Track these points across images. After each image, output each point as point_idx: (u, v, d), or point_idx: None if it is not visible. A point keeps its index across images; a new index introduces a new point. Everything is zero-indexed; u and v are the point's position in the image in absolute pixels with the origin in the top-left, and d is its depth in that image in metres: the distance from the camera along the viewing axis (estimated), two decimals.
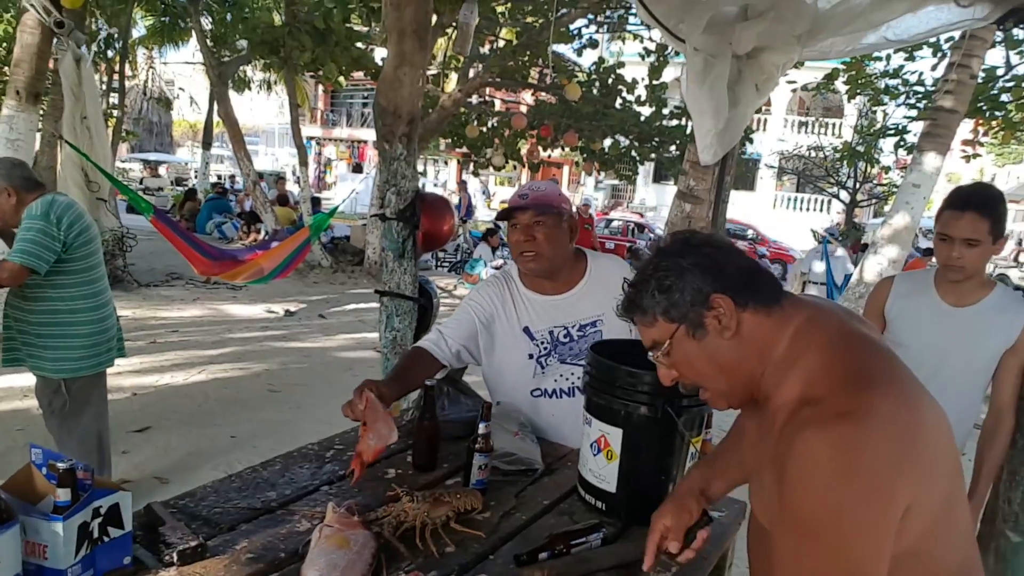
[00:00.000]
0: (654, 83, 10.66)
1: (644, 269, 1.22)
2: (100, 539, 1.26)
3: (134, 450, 3.99)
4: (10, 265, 2.63)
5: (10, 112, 5.33)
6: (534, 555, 1.44)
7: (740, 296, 1.13)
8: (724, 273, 1.15)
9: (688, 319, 1.15)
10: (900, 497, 0.98)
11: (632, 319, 1.25)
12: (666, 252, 1.21)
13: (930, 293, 2.22)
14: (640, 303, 1.20)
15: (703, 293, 1.14)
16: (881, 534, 0.98)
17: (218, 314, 7.90)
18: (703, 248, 1.18)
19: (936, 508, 1.03)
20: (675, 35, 2.24)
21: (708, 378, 1.19)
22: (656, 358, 1.23)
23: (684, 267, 1.16)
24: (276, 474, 1.77)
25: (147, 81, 27.94)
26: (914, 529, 1.00)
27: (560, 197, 2.04)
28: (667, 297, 1.16)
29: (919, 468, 1.00)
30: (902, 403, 1.03)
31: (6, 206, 2.78)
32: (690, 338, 1.16)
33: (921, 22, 2.08)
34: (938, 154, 5.38)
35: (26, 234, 2.67)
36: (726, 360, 1.16)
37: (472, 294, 2.19)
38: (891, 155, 12.84)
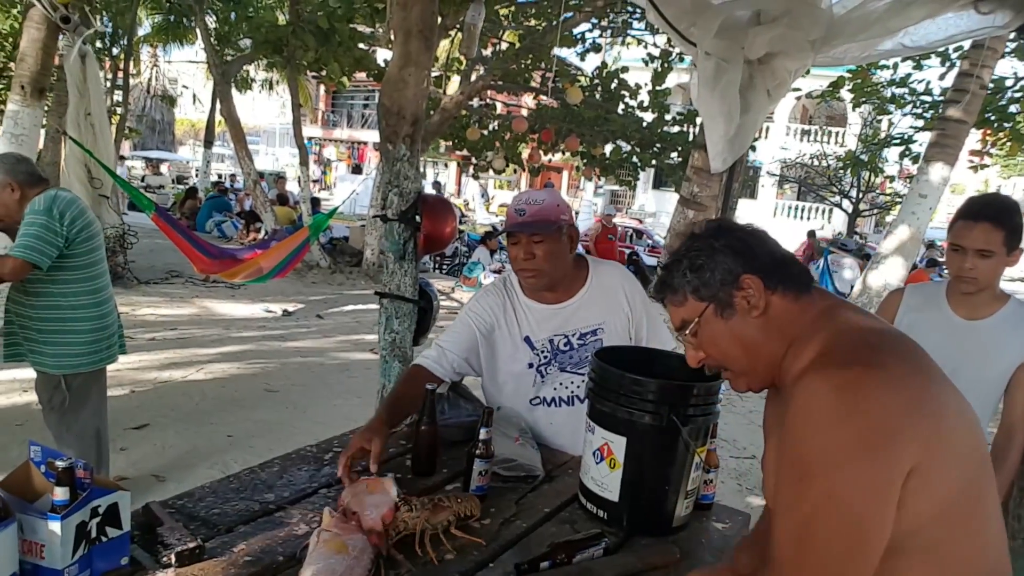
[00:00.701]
0: (657, 89, 10.66)
1: (677, 251, 1.25)
2: (98, 539, 1.25)
3: (132, 447, 3.97)
4: (12, 260, 2.61)
5: (15, 107, 5.33)
6: (535, 564, 1.43)
7: (769, 278, 1.16)
8: (755, 256, 1.18)
9: (717, 298, 1.18)
10: (903, 453, 0.96)
11: (663, 300, 1.27)
12: (699, 235, 1.24)
13: (941, 306, 2.18)
14: (671, 283, 1.24)
15: (733, 273, 1.17)
16: (879, 485, 0.97)
17: (217, 313, 7.88)
18: (736, 232, 1.22)
19: (951, 490, 1.01)
20: (686, 39, 2.23)
21: (733, 358, 1.21)
22: (684, 338, 1.25)
23: (716, 248, 1.19)
24: (274, 476, 1.76)
25: (151, 79, 27.95)
26: (923, 505, 0.98)
27: (559, 209, 1.99)
28: (698, 276, 1.19)
29: (928, 431, 0.98)
30: (918, 370, 1.04)
31: (9, 201, 2.77)
32: (718, 317, 1.19)
33: (940, 29, 2.06)
34: (945, 164, 5.39)
35: (28, 229, 2.65)
36: (751, 340, 1.18)
37: (471, 304, 2.17)
38: (895, 165, 12.83)
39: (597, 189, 30.81)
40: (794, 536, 1.03)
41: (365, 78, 12.40)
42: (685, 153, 10.83)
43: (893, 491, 0.97)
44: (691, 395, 1.62)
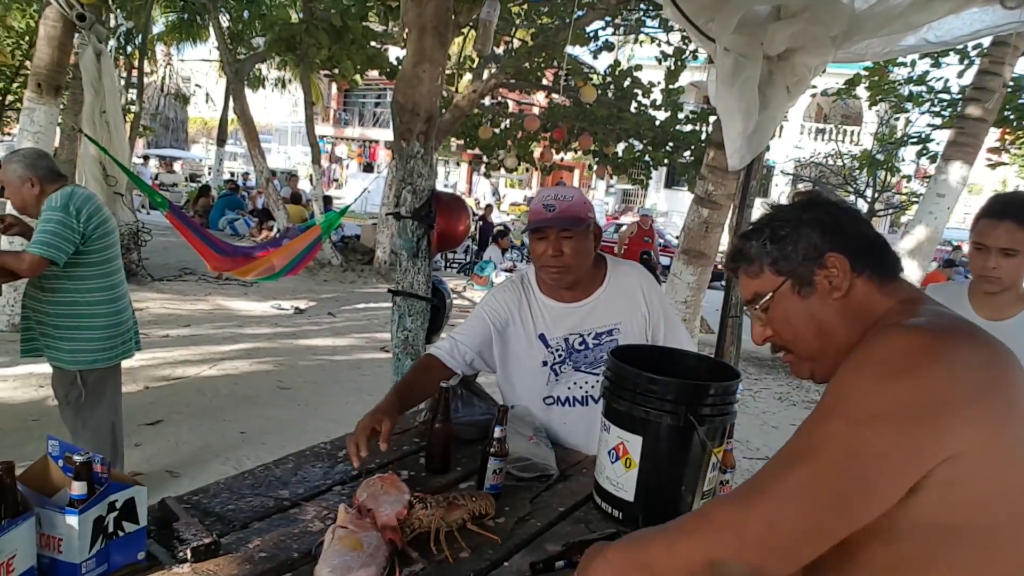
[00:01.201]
0: (670, 87, 10.61)
1: (760, 219, 1.18)
2: (115, 533, 1.25)
3: (146, 443, 4.00)
4: (29, 256, 2.64)
5: (31, 105, 5.38)
6: (551, 563, 1.42)
7: (857, 260, 1.09)
8: (844, 234, 1.10)
9: (796, 273, 1.11)
10: (947, 436, 0.89)
11: (736, 271, 1.20)
12: (786, 206, 1.17)
13: (964, 307, 2.15)
14: (748, 252, 1.17)
15: (818, 249, 1.10)
16: (905, 456, 0.89)
17: (229, 310, 7.92)
18: (828, 207, 1.15)
19: (1010, 505, 0.93)
20: (705, 34, 2.21)
21: (803, 340, 1.14)
22: (753, 312, 1.18)
23: (803, 220, 1.12)
24: (288, 472, 1.75)
25: (164, 77, 28.12)
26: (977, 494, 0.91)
27: (586, 206, 1.98)
28: (779, 248, 1.12)
29: (990, 424, 0.90)
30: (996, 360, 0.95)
31: (28, 196, 2.81)
32: (794, 294, 1.12)
33: (964, 24, 2.02)
34: (964, 163, 5.33)
35: (45, 226, 2.68)
36: (827, 323, 1.10)
37: (487, 299, 2.16)
38: (912, 164, 12.70)
39: (609, 188, 30.77)
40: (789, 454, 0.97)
41: (377, 76, 12.42)
42: (698, 152, 10.78)
43: (916, 467, 0.90)
44: (708, 394, 1.61)
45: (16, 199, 2.84)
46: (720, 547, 0.96)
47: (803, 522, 0.92)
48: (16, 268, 2.67)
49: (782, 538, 0.93)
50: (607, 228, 19.92)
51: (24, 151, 2.93)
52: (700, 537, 0.99)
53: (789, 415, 6.14)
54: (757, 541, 0.93)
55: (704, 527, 1.00)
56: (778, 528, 0.93)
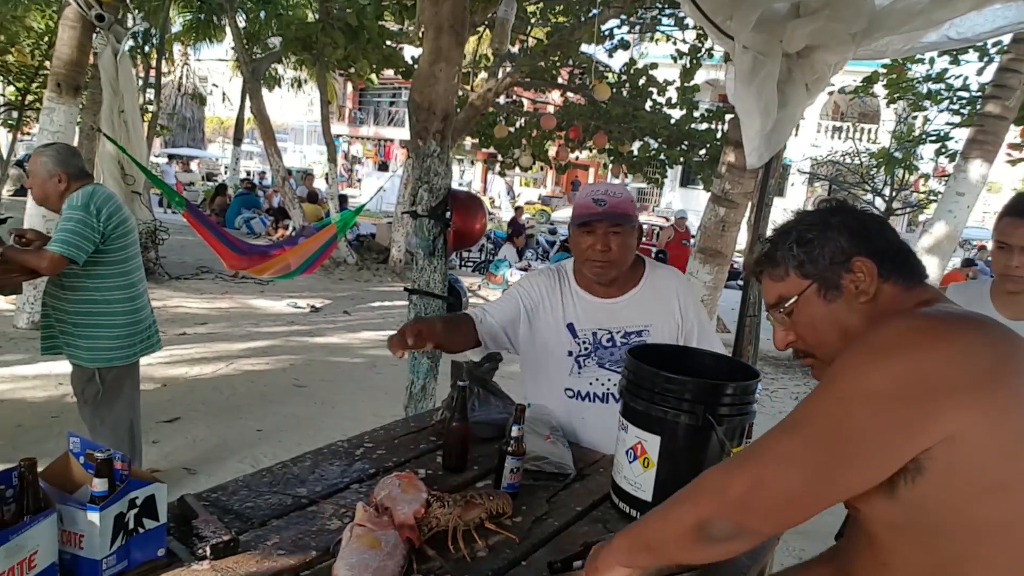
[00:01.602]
0: (685, 85, 10.56)
1: (787, 223, 1.19)
2: (135, 530, 1.26)
3: (164, 440, 4.03)
4: (50, 255, 2.67)
5: (51, 104, 5.44)
6: (568, 563, 1.41)
7: (884, 265, 1.09)
8: (871, 239, 1.11)
9: (823, 277, 1.11)
10: (940, 418, 0.90)
11: (759, 274, 1.21)
12: (814, 211, 1.18)
13: (986, 306, 2.13)
14: (774, 255, 1.17)
15: (845, 253, 1.10)
16: (893, 434, 0.92)
17: (245, 308, 7.97)
18: (854, 213, 1.15)
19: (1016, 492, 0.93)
20: (723, 32, 2.19)
21: (827, 344, 1.14)
22: (776, 316, 1.18)
23: (830, 224, 1.12)
24: (306, 470, 1.76)
25: (181, 77, 28.34)
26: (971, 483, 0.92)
27: (633, 203, 2.00)
28: (805, 251, 1.13)
29: (990, 410, 0.90)
30: (1005, 347, 0.95)
31: (53, 191, 2.83)
32: (820, 298, 1.12)
33: (986, 20, 2.00)
34: (984, 161, 5.27)
35: (66, 224, 2.71)
36: (852, 327, 1.10)
37: (522, 280, 2.17)
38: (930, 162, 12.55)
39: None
40: (783, 425, 1.01)
41: (392, 75, 12.45)
42: (713, 150, 10.73)
43: (905, 446, 0.92)
44: (727, 394, 1.60)
45: (39, 191, 2.87)
46: (706, 507, 1.02)
47: (784, 486, 0.97)
48: (36, 266, 2.70)
49: (763, 499, 0.98)
50: None
51: (57, 146, 2.96)
52: (688, 501, 1.06)
53: None
54: (739, 501, 0.99)
55: (693, 492, 1.07)
56: (760, 489, 0.98)
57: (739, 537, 1.01)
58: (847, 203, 1.18)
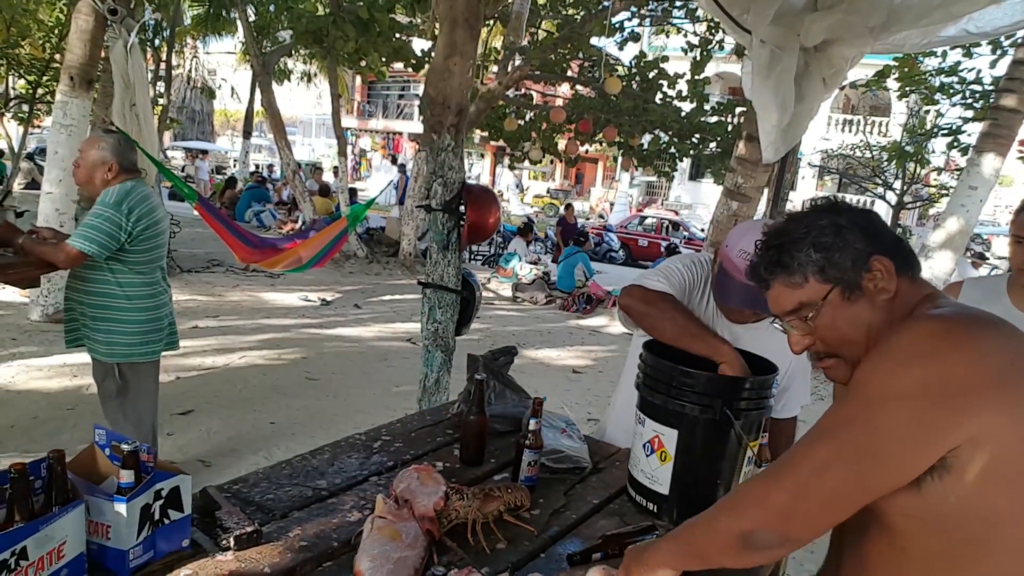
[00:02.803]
0: (695, 78, 10.51)
1: (794, 229, 1.17)
2: (161, 521, 1.27)
3: (178, 432, 4.06)
4: (68, 248, 2.69)
5: (64, 98, 5.46)
6: (587, 555, 1.42)
7: (897, 260, 1.12)
8: (881, 236, 1.14)
9: (845, 279, 1.12)
10: (965, 417, 0.93)
11: (769, 282, 1.20)
12: (821, 210, 1.18)
13: (1002, 300, 2.13)
14: (788, 263, 1.16)
15: (864, 253, 1.12)
16: (919, 433, 0.95)
17: (257, 301, 8.01)
18: (854, 211, 1.17)
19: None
20: (740, 25, 2.18)
21: (851, 343, 1.15)
22: (792, 323, 1.19)
23: (843, 225, 1.13)
24: (325, 463, 1.78)
25: (191, 70, 28.41)
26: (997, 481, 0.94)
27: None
28: (825, 256, 1.13)
29: (1014, 407, 0.93)
30: (1020, 344, 0.98)
31: (100, 178, 2.85)
32: (844, 300, 1.13)
33: (1005, 14, 1.98)
34: (998, 155, 5.24)
35: (93, 220, 2.72)
36: (875, 324, 1.12)
37: (687, 264, 1.98)
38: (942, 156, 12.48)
39: (633, 180, 30.60)
40: (815, 434, 1.05)
41: (402, 68, 12.44)
42: (724, 143, 10.68)
43: (932, 446, 0.95)
44: (744, 388, 1.60)
45: (85, 173, 2.86)
46: (749, 518, 1.06)
47: (823, 492, 1.00)
48: (54, 259, 2.72)
49: (804, 507, 1.02)
50: (631, 221, 19.85)
51: (117, 137, 2.96)
52: (732, 512, 1.10)
53: (818, 409, 6.08)
54: (782, 511, 1.03)
55: (735, 503, 1.11)
56: (800, 498, 1.02)
57: (783, 545, 1.06)
58: (841, 201, 1.20)
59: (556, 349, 7.52)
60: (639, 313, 1.82)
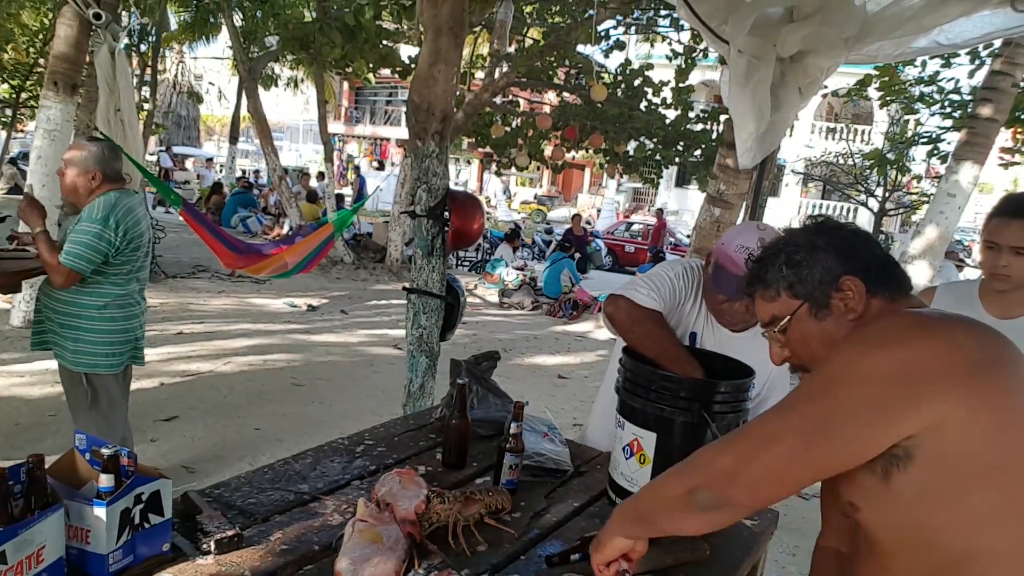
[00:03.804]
0: (680, 86, 10.60)
1: (775, 244, 1.24)
2: (141, 525, 1.28)
3: (162, 438, 4.04)
4: (64, 269, 2.67)
5: (48, 103, 5.44)
6: (566, 556, 1.44)
7: (872, 282, 1.13)
8: (858, 257, 1.15)
9: (813, 297, 1.16)
10: (924, 404, 0.95)
11: (753, 293, 1.25)
12: (800, 230, 1.22)
13: (974, 305, 2.17)
14: (765, 276, 1.22)
15: (833, 273, 1.14)
16: (874, 413, 0.96)
17: (242, 307, 7.98)
18: (840, 231, 1.19)
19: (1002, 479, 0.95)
20: (719, 36, 2.22)
21: (820, 359, 1.16)
22: (771, 334, 1.23)
23: (817, 245, 1.17)
24: (307, 467, 1.78)
25: (177, 75, 28.29)
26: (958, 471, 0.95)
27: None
28: (795, 272, 1.17)
29: (974, 398, 0.94)
30: (991, 343, 1.00)
31: (84, 187, 2.81)
32: (811, 317, 1.16)
33: (975, 26, 2.04)
34: (975, 163, 5.32)
35: (81, 237, 2.69)
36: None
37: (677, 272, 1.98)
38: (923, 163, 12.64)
39: (619, 187, 30.74)
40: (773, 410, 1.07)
41: (389, 74, 12.45)
42: (708, 151, 10.77)
43: (887, 427, 0.96)
44: (721, 392, 1.63)
45: (70, 182, 2.82)
46: (693, 478, 1.10)
47: (768, 460, 1.03)
48: (53, 279, 2.71)
49: (748, 472, 1.04)
50: (618, 227, 19.94)
51: (102, 145, 2.92)
52: (678, 474, 1.15)
53: None
54: (725, 473, 1.06)
55: (683, 466, 1.15)
56: (745, 463, 1.04)
57: (723, 508, 1.08)
58: (832, 220, 1.23)
59: (542, 355, 7.54)
60: (623, 328, 1.86)
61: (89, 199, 2.80)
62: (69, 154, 2.86)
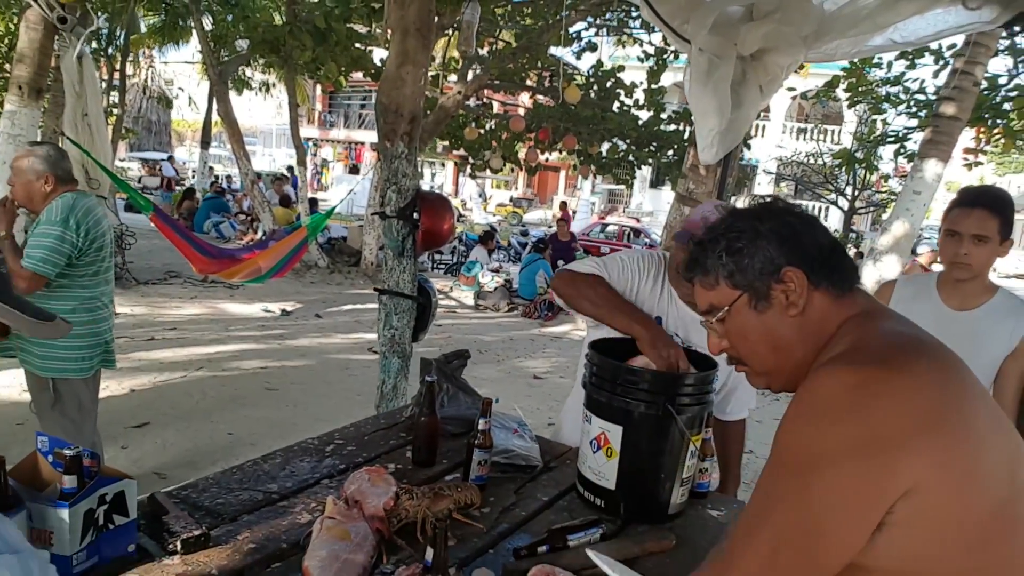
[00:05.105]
0: (652, 87, 10.70)
1: (716, 227, 1.13)
2: (105, 526, 1.27)
3: (132, 445, 4.00)
4: (27, 274, 2.62)
5: (12, 108, 5.34)
6: (533, 549, 1.46)
7: (815, 274, 1.05)
8: (802, 246, 1.06)
9: (753, 288, 1.08)
10: (900, 470, 0.87)
11: (692, 279, 1.17)
12: (743, 214, 1.12)
13: (932, 297, 2.22)
14: (704, 262, 1.12)
15: (775, 263, 1.06)
16: (858, 499, 0.89)
17: (216, 312, 7.90)
18: (784, 216, 1.10)
19: (975, 514, 0.89)
20: (680, 35, 2.26)
21: (759, 355, 1.11)
22: (709, 324, 1.15)
23: (760, 231, 1.08)
24: (277, 467, 1.78)
25: (147, 80, 27.94)
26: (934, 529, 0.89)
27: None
28: (735, 260, 1.08)
29: (941, 448, 0.88)
30: (947, 382, 0.93)
31: (38, 192, 2.77)
32: (751, 309, 1.08)
33: (928, 24, 2.09)
34: (939, 161, 5.43)
35: (43, 240, 2.65)
36: (783, 339, 1.08)
37: (635, 257, 2.05)
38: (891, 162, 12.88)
39: (594, 188, 30.90)
40: (751, 518, 0.97)
41: (362, 78, 12.42)
42: (681, 151, 10.88)
43: (873, 508, 0.89)
44: (686, 384, 1.65)
45: (23, 191, 2.78)
46: None
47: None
48: (17, 285, 2.66)
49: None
50: (593, 228, 20.04)
51: (48, 148, 2.87)
52: None
53: (772, 410, 6.20)
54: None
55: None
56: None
57: None
58: (779, 203, 1.14)
59: (518, 356, 7.56)
60: (566, 295, 1.97)
61: (45, 203, 2.76)
62: (16, 163, 2.80)
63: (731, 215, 1.14)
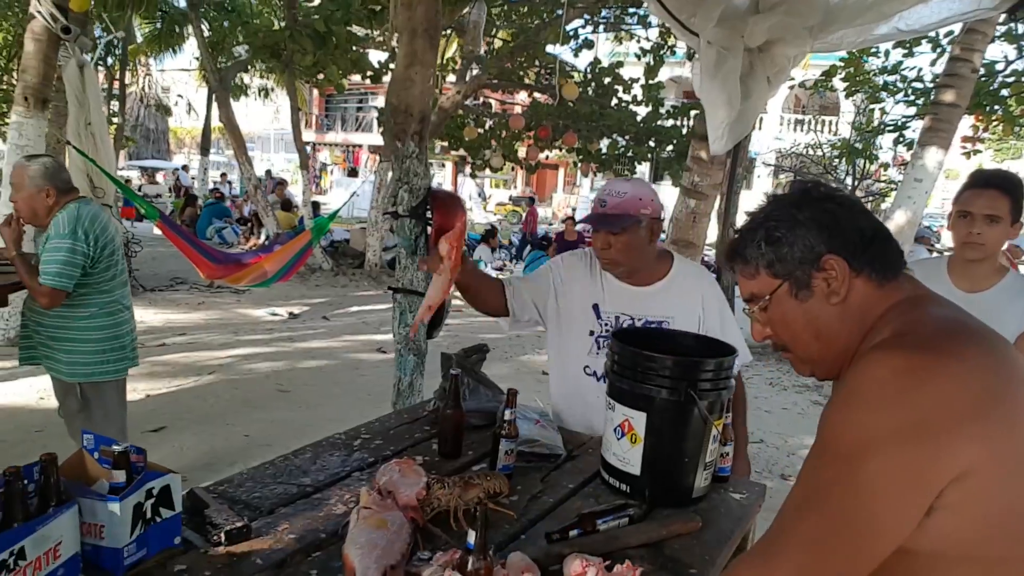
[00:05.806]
0: (650, 83, 10.74)
1: (755, 216, 1.13)
2: (153, 519, 1.31)
3: (151, 449, 3.93)
4: (46, 290, 2.67)
5: (19, 118, 5.40)
6: (565, 533, 1.50)
7: (856, 260, 1.04)
8: (842, 233, 1.05)
9: (794, 277, 1.07)
10: (951, 454, 0.87)
11: (733, 268, 1.17)
12: (782, 201, 1.12)
13: (943, 280, 2.25)
14: (744, 252, 1.13)
15: (815, 251, 1.05)
16: (906, 484, 0.88)
17: (223, 317, 7.95)
18: (824, 202, 1.08)
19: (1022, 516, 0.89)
20: (688, 28, 2.30)
21: (803, 343, 1.11)
22: (751, 312, 1.15)
23: (799, 220, 1.07)
24: (307, 462, 1.82)
25: (144, 88, 27.98)
26: (982, 513, 0.88)
27: (640, 202, 2.01)
28: (774, 250, 1.08)
29: (995, 433, 0.87)
30: (999, 367, 0.93)
31: (41, 206, 2.80)
32: (792, 297, 1.08)
33: (933, 12, 2.13)
34: (939, 148, 5.47)
35: (56, 255, 2.69)
36: (826, 327, 1.07)
37: (555, 260, 2.28)
38: (889, 152, 12.90)
39: (593, 185, 30.93)
40: (797, 504, 0.96)
41: (359, 81, 12.46)
42: (680, 146, 10.92)
43: (923, 493, 0.88)
44: (706, 370, 1.69)
45: (26, 206, 2.80)
46: None
47: (824, 570, 0.93)
48: (37, 296, 2.71)
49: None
50: None
51: (45, 160, 2.89)
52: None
53: (780, 399, 6.26)
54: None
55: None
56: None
57: None
58: (819, 189, 1.12)
59: (525, 353, 7.60)
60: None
61: (50, 217, 2.78)
62: (15, 179, 2.81)
63: (770, 202, 1.14)
